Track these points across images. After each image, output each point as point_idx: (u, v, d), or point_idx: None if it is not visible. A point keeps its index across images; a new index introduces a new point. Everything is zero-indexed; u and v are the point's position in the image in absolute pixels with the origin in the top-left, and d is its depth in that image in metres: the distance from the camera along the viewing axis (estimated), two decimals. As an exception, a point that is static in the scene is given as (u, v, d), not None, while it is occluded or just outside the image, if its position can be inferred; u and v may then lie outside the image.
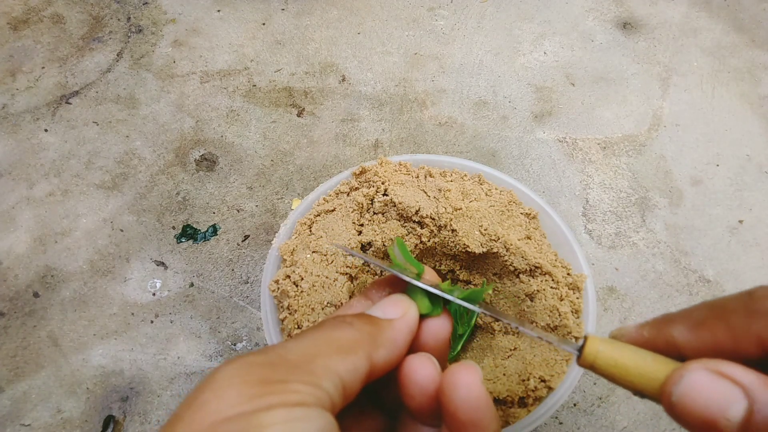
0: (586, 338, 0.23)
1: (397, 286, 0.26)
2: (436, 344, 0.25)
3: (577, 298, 0.40)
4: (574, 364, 0.38)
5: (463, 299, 0.25)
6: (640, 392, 0.22)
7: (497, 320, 0.42)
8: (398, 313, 0.24)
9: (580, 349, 0.23)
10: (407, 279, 0.25)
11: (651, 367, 0.22)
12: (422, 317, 0.25)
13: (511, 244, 0.41)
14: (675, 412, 0.20)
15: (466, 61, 0.72)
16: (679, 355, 0.22)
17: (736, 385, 0.19)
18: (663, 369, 0.21)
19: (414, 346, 0.25)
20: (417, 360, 0.23)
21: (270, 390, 0.18)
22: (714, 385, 0.19)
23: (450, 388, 0.21)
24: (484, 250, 0.41)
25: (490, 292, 0.43)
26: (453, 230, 0.41)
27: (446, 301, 0.26)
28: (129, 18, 0.75)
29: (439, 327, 0.25)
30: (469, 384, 0.21)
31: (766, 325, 0.20)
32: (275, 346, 0.21)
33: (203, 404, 0.18)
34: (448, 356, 0.41)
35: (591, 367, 0.23)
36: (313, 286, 0.39)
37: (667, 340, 0.22)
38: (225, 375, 0.19)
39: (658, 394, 0.21)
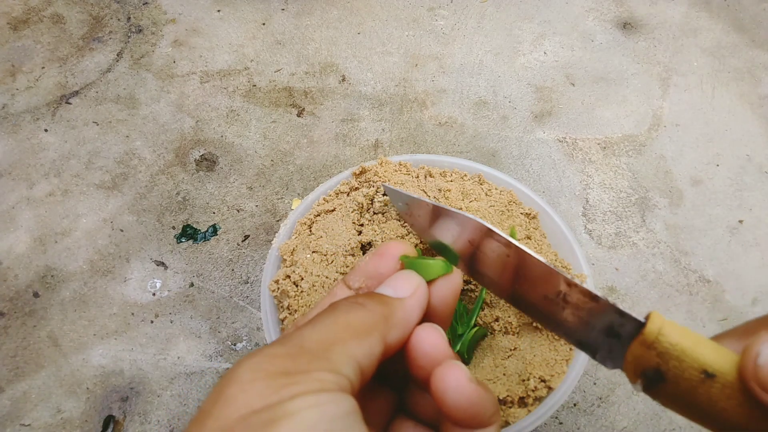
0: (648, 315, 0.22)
1: (379, 272, 0.26)
2: (446, 307, 0.25)
3: (577, 298, 0.40)
4: (573, 364, 0.38)
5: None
6: (706, 369, 0.20)
7: (497, 320, 0.42)
8: (409, 290, 0.24)
9: (645, 320, 0.21)
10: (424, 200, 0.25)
11: (716, 345, 0.20)
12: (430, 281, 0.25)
13: (511, 244, 0.41)
14: (760, 375, 0.19)
15: (466, 61, 0.72)
16: None
17: None
18: (729, 348, 0.20)
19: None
20: (424, 332, 0.23)
21: (293, 380, 0.18)
22: None
23: (440, 391, 0.21)
24: (484, 250, 0.41)
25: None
26: (453, 230, 0.41)
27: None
28: (129, 18, 0.75)
29: (448, 288, 0.25)
30: (457, 385, 0.21)
31: None
32: (292, 334, 0.21)
33: (230, 398, 0.18)
34: (454, 314, 0.41)
35: (655, 340, 0.21)
36: (313, 286, 0.39)
37: None
38: (248, 368, 0.19)
39: (729, 366, 0.20)
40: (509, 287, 0.26)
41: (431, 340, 0.23)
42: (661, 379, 0.21)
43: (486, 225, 0.25)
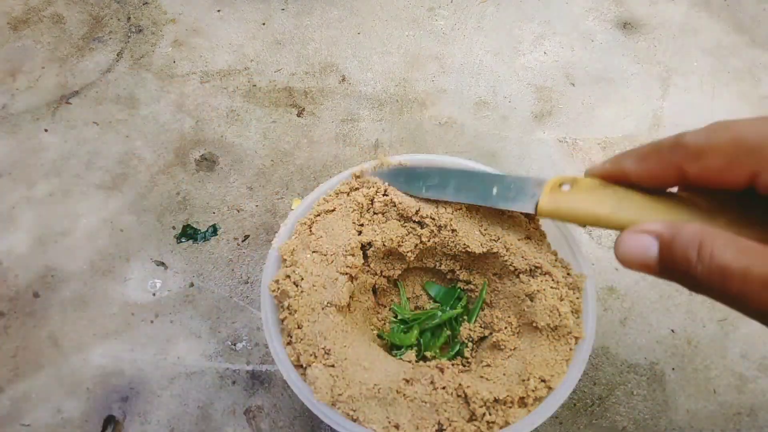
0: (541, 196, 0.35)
1: None
2: None
3: (577, 298, 0.40)
4: (573, 365, 0.38)
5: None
6: (586, 225, 0.33)
7: (497, 320, 0.42)
8: None
9: (535, 208, 0.36)
10: None
11: (594, 209, 0.32)
12: None
13: (511, 244, 0.41)
14: (623, 263, 0.29)
15: (466, 61, 0.72)
16: (628, 181, 0.31)
17: (651, 235, 0.28)
18: (602, 209, 0.32)
19: None
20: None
21: None
22: (638, 240, 0.28)
23: None
24: (484, 250, 0.41)
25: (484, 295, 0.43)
26: (453, 230, 0.41)
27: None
28: (129, 18, 0.75)
29: None
30: None
31: (683, 156, 0.28)
32: None
33: None
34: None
35: (547, 215, 0.34)
36: (314, 286, 0.39)
37: (621, 169, 0.31)
38: None
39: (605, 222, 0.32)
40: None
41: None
42: None
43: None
